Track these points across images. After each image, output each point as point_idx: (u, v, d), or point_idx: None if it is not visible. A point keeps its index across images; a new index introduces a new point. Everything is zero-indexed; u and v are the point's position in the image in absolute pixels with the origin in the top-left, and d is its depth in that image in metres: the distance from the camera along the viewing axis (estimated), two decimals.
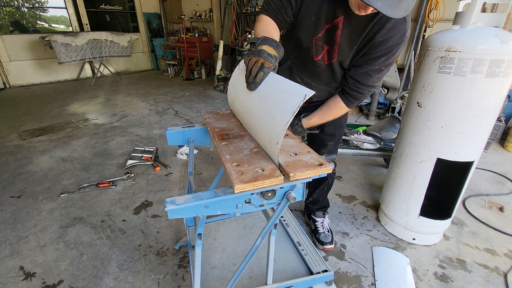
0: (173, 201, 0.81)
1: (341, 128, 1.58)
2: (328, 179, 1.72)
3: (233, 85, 1.19)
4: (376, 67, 1.16)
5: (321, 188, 1.77)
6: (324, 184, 1.74)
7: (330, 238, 1.71)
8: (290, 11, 1.19)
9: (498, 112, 1.37)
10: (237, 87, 1.15)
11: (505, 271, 1.56)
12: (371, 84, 1.21)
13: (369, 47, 1.13)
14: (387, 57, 1.13)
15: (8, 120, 3.95)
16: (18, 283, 1.49)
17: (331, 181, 1.77)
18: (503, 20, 1.29)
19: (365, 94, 1.25)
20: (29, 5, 6.09)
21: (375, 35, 1.10)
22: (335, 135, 1.57)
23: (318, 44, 1.22)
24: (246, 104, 1.08)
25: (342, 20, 1.12)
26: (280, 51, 1.01)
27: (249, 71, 0.96)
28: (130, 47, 6.54)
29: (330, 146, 1.59)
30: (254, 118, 1.02)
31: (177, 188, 2.33)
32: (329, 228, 1.79)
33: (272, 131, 0.86)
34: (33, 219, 1.97)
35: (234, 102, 1.21)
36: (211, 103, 4.80)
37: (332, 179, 1.77)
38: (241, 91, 1.10)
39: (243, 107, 1.12)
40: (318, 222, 1.78)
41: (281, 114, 0.83)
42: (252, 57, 0.96)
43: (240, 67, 1.12)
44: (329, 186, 1.79)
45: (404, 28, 1.09)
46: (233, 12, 5.62)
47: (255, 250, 1.03)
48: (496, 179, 2.48)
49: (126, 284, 1.47)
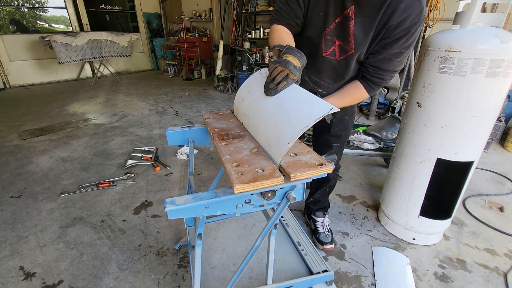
0: (173, 202, 0.81)
1: (347, 130, 1.54)
2: (330, 181, 1.71)
3: (248, 85, 1.21)
4: (396, 50, 1.12)
5: (323, 189, 1.75)
6: (326, 186, 1.73)
7: (330, 238, 1.70)
8: (300, 14, 1.19)
9: (498, 112, 1.37)
10: (252, 87, 1.17)
11: (505, 271, 1.56)
12: (392, 69, 1.17)
13: (386, 31, 1.09)
14: (406, 38, 1.08)
15: (8, 120, 3.95)
16: (18, 283, 1.49)
17: (334, 183, 1.75)
18: (503, 20, 1.29)
19: (386, 80, 1.21)
20: (29, 5, 6.09)
21: (390, 18, 1.06)
22: (341, 137, 1.54)
23: (327, 39, 1.20)
24: (259, 104, 1.08)
25: (353, 9, 1.09)
26: (303, 60, 1.02)
27: (272, 79, 0.97)
28: (130, 47, 6.54)
29: (336, 148, 1.55)
30: (265, 116, 1.02)
31: (177, 188, 2.33)
32: (329, 228, 1.78)
33: (286, 131, 0.88)
34: (33, 219, 1.97)
35: (243, 101, 1.22)
36: (211, 103, 4.80)
37: (335, 181, 1.75)
38: (256, 92, 1.12)
39: (254, 106, 1.12)
40: (318, 222, 1.78)
41: (300, 118, 0.86)
42: (278, 66, 0.97)
43: (261, 73, 1.16)
44: (331, 187, 1.77)
45: (420, 5, 1.04)
46: (233, 12, 5.62)
47: (255, 250, 1.03)
48: (496, 179, 2.48)
49: (126, 284, 1.47)
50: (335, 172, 1.68)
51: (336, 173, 1.72)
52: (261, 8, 5.31)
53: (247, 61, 5.26)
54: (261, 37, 5.49)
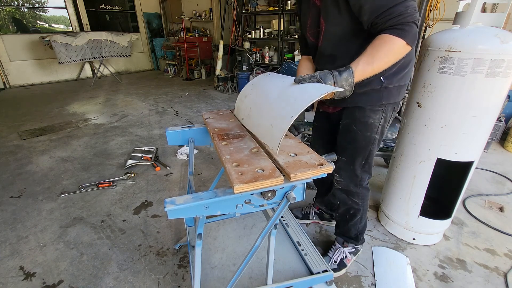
0: (173, 201, 0.81)
1: (355, 144, 1.26)
2: (347, 206, 1.43)
3: (253, 83, 1.24)
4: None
5: (341, 212, 1.49)
6: (342, 208, 1.47)
7: (331, 267, 1.46)
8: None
9: (498, 112, 1.37)
10: (257, 85, 1.21)
11: (505, 271, 1.56)
12: (395, 0, 0.92)
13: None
14: None
15: (8, 120, 3.95)
16: (18, 283, 1.49)
17: (354, 212, 1.43)
18: (503, 20, 1.29)
19: (405, 14, 0.92)
20: (29, 5, 6.09)
21: None
22: (346, 149, 1.30)
23: (313, 32, 1.23)
24: (263, 94, 1.12)
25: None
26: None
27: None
28: (130, 47, 6.54)
29: (341, 163, 1.32)
30: (269, 102, 1.04)
31: (177, 188, 2.33)
32: (340, 260, 1.53)
33: (289, 108, 0.90)
34: (33, 219, 1.97)
35: (245, 97, 1.23)
36: (211, 103, 4.80)
37: (354, 209, 1.43)
38: (261, 87, 1.17)
39: (257, 98, 1.15)
40: (334, 247, 1.59)
41: (304, 96, 0.89)
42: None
43: (266, 74, 1.24)
44: (351, 215, 1.45)
45: None
46: (233, 12, 5.62)
47: (255, 250, 1.03)
48: (496, 179, 2.48)
49: (126, 284, 1.47)
50: (350, 197, 1.40)
51: (353, 199, 1.41)
52: (261, 8, 5.31)
53: (247, 61, 5.26)
54: (261, 37, 5.49)
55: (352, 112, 1.24)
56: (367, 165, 1.33)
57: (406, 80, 1.20)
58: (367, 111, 1.21)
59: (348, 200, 1.42)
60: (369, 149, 1.28)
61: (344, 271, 1.53)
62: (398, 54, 0.98)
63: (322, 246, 1.74)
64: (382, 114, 1.22)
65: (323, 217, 1.88)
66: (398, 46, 0.95)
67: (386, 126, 1.27)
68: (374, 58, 0.96)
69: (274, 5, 5.06)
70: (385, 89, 1.16)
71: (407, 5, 0.92)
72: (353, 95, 1.02)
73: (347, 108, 1.26)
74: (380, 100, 1.18)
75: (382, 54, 0.96)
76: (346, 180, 1.37)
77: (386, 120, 1.24)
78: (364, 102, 1.19)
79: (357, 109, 1.22)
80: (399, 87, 1.19)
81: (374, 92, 1.16)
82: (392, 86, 1.17)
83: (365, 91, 1.15)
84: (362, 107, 1.21)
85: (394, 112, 1.26)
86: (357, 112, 1.23)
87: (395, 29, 0.94)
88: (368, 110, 1.21)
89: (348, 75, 0.95)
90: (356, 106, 1.22)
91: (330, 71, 0.97)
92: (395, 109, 1.26)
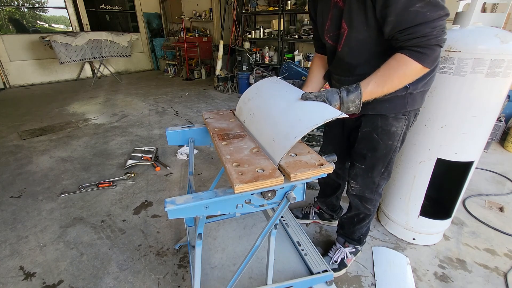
0: (173, 201, 0.81)
1: (375, 152, 1.21)
2: (359, 211, 1.43)
3: (257, 87, 1.25)
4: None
5: (350, 216, 1.49)
6: (352, 212, 1.47)
7: (331, 267, 1.47)
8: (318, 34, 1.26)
9: (498, 112, 1.37)
10: (261, 90, 1.22)
11: (505, 271, 1.56)
12: (422, 19, 0.85)
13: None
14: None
15: (8, 120, 3.95)
16: (18, 283, 1.49)
17: (364, 216, 1.44)
18: (503, 20, 1.29)
19: (427, 34, 0.86)
20: (29, 5, 6.09)
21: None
22: (366, 158, 1.25)
23: (332, 35, 1.14)
24: (268, 104, 1.12)
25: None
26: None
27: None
28: (130, 47, 6.54)
29: (358, 170, 1.29)
30: (274, 115, 1.04)
31: (177, 188, 2.33)
32: (340, 260, 1.54)
33: (294, 127, 0.90)
34: (33, 219, 1.97)
35: (249, 100, 1.24)
36: (211, 103, 4.79)
37: (365, 214, 1.43)
38: (265, 93, 1.18)
39: (262, 105, 1.15)
40: (334, 247, 1.60)
41: (310, 118, 0.89)
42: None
43: (271, 79, 1.25)
44: (359, 219, 1.46)
45: None
46: (233, 12, 5.62)
47: (255, 250, 1.03)
48: (496, 179, 2.48)
49: (126, 284, 1.47)
50: (364, 203, 1.39)
51: (367, 205, 1.39)
52: (261, 8, 5.30)
53: (247, 61, 5.26)
54: (261, 37, 5.49)
55: (373, 120, 1.17)
56: (386, 172, 1.29)
57: (430, 85, 1.14)
58: (390, 119, 1.14)
59: (361, 206, 1.40)
60: (390, 157, 1.24)
61: (344, 271, 1.53)
62: (413, 77, 0.95)
63: (322, 246, 1.74)
64: (405, 122, 1.16)
65: (323, 217, 1.88)
66: (415, 70, 0.92)
67: (408, 133, 1.22)
68: (386, 82, 0.93)
69: (274, 5, 5.06)
70: (410, 95, 1.09)
71: (434, 25, 0.85)
72: (374, 101, 0.98)
73: (367, 115, 1.18)
74: (405, 107, 1.11)
75: (395, 77, 0.93)
76: (362, 187, 1.34)
77: (408, 127, 1.19)
78: (387, 109, 1.12)
79: (379, 117, 1.15)
80: (423, 92, 1.13)
81: (398, 99, 1.09)
82: (417, 92, 1.10)
83: (388, 98, 1.05)
84: (384, 115, 1.13)
85: (416, 118, 1.21)
86: (379, 121, 1.16)
87: (415, 52, 0.89)
88: (391, 118, 1.14)
89: (355, 97, 0.93)
90: (378, 114, 1.14)
91: (338, 90, 0.95)
92: (417, 115, 1.21)
